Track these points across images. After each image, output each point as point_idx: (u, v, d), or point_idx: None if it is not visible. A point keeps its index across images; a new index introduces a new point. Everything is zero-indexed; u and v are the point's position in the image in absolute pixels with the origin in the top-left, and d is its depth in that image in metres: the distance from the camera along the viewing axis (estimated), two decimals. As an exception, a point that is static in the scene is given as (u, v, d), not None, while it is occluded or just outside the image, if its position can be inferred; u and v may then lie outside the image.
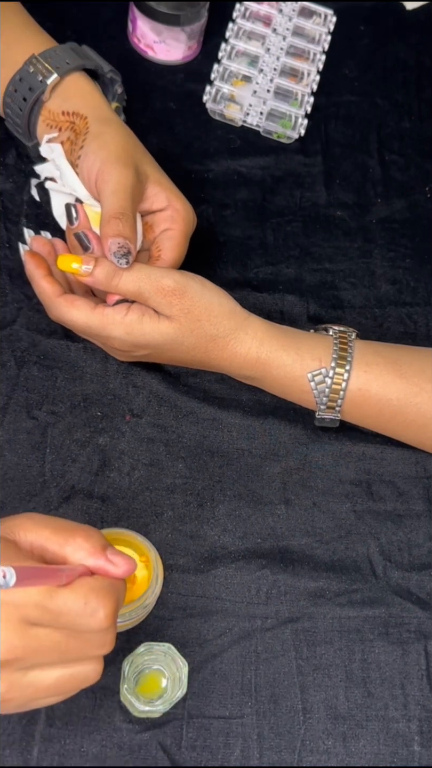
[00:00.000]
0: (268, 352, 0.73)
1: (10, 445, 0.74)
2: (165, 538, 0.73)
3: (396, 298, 0.87)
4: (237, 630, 0.70)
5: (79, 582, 0.53)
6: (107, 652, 0.55)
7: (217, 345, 0.72)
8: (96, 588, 0.53)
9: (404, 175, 0.95)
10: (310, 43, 1.00)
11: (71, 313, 0.71)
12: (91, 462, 0.74)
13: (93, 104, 0.76)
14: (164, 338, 0.71)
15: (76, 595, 0.52)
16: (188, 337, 0.71)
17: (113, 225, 0.69)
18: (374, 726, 0.68)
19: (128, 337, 0.71)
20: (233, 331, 0.72)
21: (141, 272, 0.70)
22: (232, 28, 0.98)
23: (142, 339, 0.71)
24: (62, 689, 0.54)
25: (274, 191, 0.92)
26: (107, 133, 0.74)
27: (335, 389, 0.73)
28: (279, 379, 0.74)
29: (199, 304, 0.71)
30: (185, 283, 0.70)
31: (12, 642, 0.50)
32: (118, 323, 0.70)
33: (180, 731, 0.66)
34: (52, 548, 0.55)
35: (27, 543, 0.54)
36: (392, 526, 0.76)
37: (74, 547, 0.55)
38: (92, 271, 0.69)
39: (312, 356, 0.73)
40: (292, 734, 0.67)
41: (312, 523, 0.75)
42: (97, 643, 0.54)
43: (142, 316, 0.70)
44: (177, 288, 0.70)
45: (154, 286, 0.70)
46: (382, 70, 1.02)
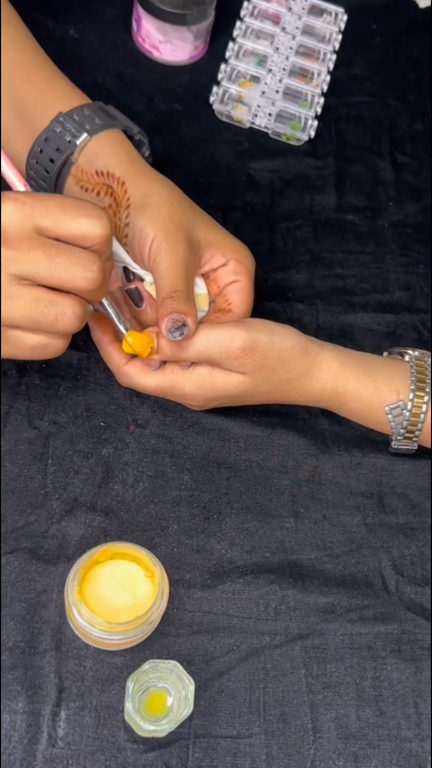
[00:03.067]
0: (344, 385, 0.74)
1: (10, 455, 0.73)
2: (170, 552, 0.72)
3: (409, 305, 0.87)
4: (245, 647, 0.69)
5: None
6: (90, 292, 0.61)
7: (292, 387, 0.73)
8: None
9: (417, 178, 0.95)
10: (321, 43, 0.99)
11: (141, 378, 0.71)
12: (95, 474, 0.74)
13: (128, 162, 0.74)
14: (238, 390, 0.72)
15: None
16: (262, 386, 0.72)
17: (167, 304, 0.68)
18: (386, 746, 0.67)
19: (201, 392, 0.72)
20: (308, 370, 0.73)
21: (208, 341, 0.69)
22: (240, 26, 0.98)
23: (214, 392, 0.72)
24: (41, 352, 0.62)
25: (283, 195, 0.92)
26: (152, 205, 0.71)
27: (413, 421, 0.73)
28: (356, 410, 0.75)
29: (270, 356, 0.71)
30: (254, 341, 0.70)
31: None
32: (188, 380, 0.71)
33: (186, 751, 0.65)
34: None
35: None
36: (405, 540, 0.75)
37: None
38: (158, 347, 0.70)
39: (389, 389, 0.73)
40: (302, 754, 0.66)
41: (322, 536, 0.74)
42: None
43: (211, 370, 0.71)
44: (246, 347, 0.70)
45: (222, 352, 0.70)
46: (395, 69, 1.02)
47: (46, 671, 0.66)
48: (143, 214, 0.71)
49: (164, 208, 0.71)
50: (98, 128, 0.74)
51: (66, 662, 0.66)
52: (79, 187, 0.74)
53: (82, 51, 0.81)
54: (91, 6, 0.98)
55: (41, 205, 0.59)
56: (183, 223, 0.72)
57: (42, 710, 0.64)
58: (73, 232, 0.60)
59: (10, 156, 0.74)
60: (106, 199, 0.73)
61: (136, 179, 0.73)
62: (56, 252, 0.59)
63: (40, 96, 0.75)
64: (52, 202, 0.60)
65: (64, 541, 0.70)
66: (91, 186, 0.73)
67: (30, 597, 0.68)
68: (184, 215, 0.72)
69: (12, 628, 0.67)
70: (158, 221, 0.70)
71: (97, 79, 0.93)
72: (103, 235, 0.61)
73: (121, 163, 0.73)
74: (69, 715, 0.65)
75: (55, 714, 0.64)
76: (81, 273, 0.60)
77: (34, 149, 0.74)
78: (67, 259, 0.60)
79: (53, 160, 0.73)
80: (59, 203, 0.60)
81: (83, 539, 0.70)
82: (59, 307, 0.60)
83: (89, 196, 0.73)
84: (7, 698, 0.64)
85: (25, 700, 0.65)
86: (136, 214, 0.71)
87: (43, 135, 0.73)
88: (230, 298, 0.75)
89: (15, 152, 0.75)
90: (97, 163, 0.73)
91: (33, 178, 0.75)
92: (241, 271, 0.74)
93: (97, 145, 0.73)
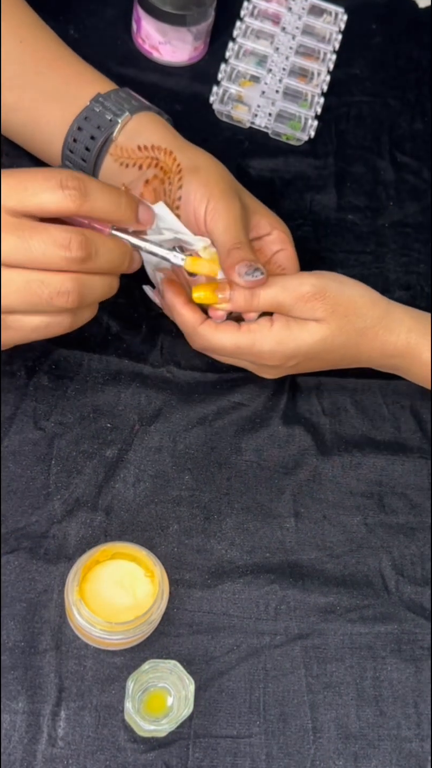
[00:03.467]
0: (417, 337, 0.73)
1: (14, 456, 0.73)
2: (171, 552, 0.72)
3: (410, 304, 0.85)
4: (245, 647, 0.69)
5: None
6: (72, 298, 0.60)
7: (366, 337, 0.72)
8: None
9: (417, 177, 0.95)
10: (321, 42, 0.99)
11: (217, 337, 0.71)
12: (97, 473, 0.73)
13: (170, 137, 0.75)
14: (315, 341, 0.71)
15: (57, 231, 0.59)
16: (338, 336, 0.71)
17: (234, 254, 0.68)
18: (387, 746, 0.67)
19: (279, 347, 0.71)
20: (381, 320, 0.73)
21: (277, 286, 0.70)
22: (240, 26, 0.97)
23: (293, 345, 0.71)
24: (45, 331, 0.62)
25: (283, 194, 0.92)
26: (203, 168, 0.72)
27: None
28: (427, 366, 0.74)
29: (341, 301, 0.71)
30: (323, 285, 0.70)
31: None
32: (267, 336, 0.71)
33: (186, 751, 0.65)
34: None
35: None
36: (405, 540, 0.75)
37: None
38: (230, 296, 0.69)
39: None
40: (302, 754, 0.66)
41: (322, 536, 0.74)
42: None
43: (288, 322, 0.71)
44: (316, 292, 0.70)
45: (293, 296, 0.69)
46: (395, 69, 1.02)
47: (46, 671, 0.66)
48: (196, 177, 0.72)
49: (215, 170, 0.73)
50: (137, 109, 0.75)
51: (66, 662, 0.66)
52: (118, 164, 0.74)
53: (82, 51, 0.80)
54: (91, 6, 0.97)
55: (5, 185, 0.59)
56: (233, 185, 0.73)
57: (42, 710, 0.64)
58: (42, 209, 0.59)
59: (46, 141, 0.77)
60: (150, 171, 0.73)
61: (181, 149, 0.74)
62: (30, 234, 0.59)
63: (71, 82, 0.76)
64: (12, 180, 0.59)
65: (65, 541, 0.70)
66: (132, 161, 0.74)
67: (30, 597, 0.68)
68: (232, 179, 0.74)
69: (12, 628, 0.67)
70: (212, 182, 0.71)
71: (97, 80, 0.93)
72: (72, 204, 0.60)
73: (164, 137, 0.74)
74: (69, 714, 0.65)
75: (55, 714, 0.64)
76: (58, 253, 0.59)
77: (73, 128, 0.74)
78: (41, 240, 0.59)
79: (94, 137, 0.74)
80: (20, 180, 0.59)
81: (83, 539, 0.70)
82: (52, 286, 0.60)
83: (130, 171, 0.74)
84: (7, 698, 0.64)
85: (25, 700, 0.65)
86: (189, 177, 0.72)
87: (83, 114, 0.74)
88: (282, 263, 0.76)
89: (53, 133, 0.76)
90: (138, 139, 0.74)
91: (70, 158, 0.76)
92: (286, 240, 0.76)
93: (136, 123, 0.75)
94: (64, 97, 0.76)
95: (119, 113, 0.74)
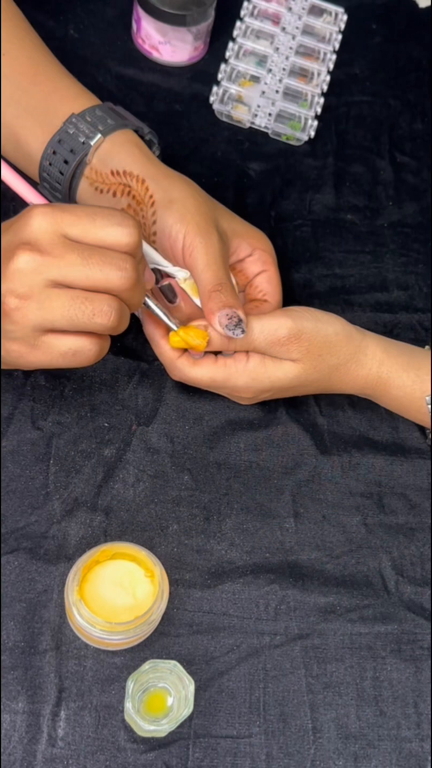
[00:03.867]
0: (388, 372, 0.74)
1: (13, 456, 0.73)
2: (170, 552, 0.72)
3: (407, 304, 0.86)
4: (245, 647, 0.69)
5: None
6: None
7: (339, 372, 0.73)
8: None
9: (416, 177, 0.94)
10: (321, 42, 0.99)
11: (194, 371, 0.72)
12: (96, 473, 0.73)
13: (143, 160, 0.74)
14: (289, 378, 0.72)
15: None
16: (312, 374, 0.72)
17: (215, 298, 0.69)
18: (386, 746, 0.67)
19: (254, 383, 0.72)
20: (353, 355, 0.73)
21: (254, 331, 0.70)
22: (240, 26, 0.97)
23: (267, 383, 0.72)
24: (72, 359, 0.63)
25: (283, 195, 0.92)
26: (177, 200, 0.72)
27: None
28: (398, 398, 0.76)
29: (316, 341, 0.71)
30: (298, 328, 0.71)
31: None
32: (242, 372, 0.71)
33: (186, 751, 0.65)
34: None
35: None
36: (404, 540, 0.75)
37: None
38: (208, 341, 0.70)
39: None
40: (302, 754, 0.66)
41: (322, 536, 0.74)
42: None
43: (263, 360, 0.71)
44: (292, 335, 0.70)
45: (269, 340, 0.70)
46: (395, 69, 1.02)
47: (46, 671, 0.66)
48: (170, 211, 0.71)
49: (189, 202, 0.72)
50: (111, 128, 0.73)
51: (66, 662, 0.66)
52: (93, 189, 0.74)
53: (82, 51, 0.80)
54: (91, 6, 0.97)
55: (69, 215, 0.61)
56: (210, 216, 0.72)
57: (42, 710, 0.64)
58: (102, 241, 0.61)
59: (26, 158, 0.75)
60: (124, 200, 0.73)
61: (155, 177, 0.73)
62: (89, 254, 0.61)
63: (50, 97, 0.75)
64: (80, 212, 0.61)
65: (65, 541, 0.70)
66: (107, 187, 0.73)
67: (30, 597, 0.68)
68: (208, 208, 0.73)
69: (12, 628, 0.67)
70: (187, 216, 0.71)
71: (97, 80, 0.92)
72: (132, 243, 0.62)
73: (137, 162, 0.73)
74: (69, 715, 0.65)
75: (55, 714, 0.65)
76: (115, 272, 0.61)
77: (47, 151, 0.73)
78: (101, 260, 0.61)
79: (67, 162, 0.73)
80: (88, 213, 0.61)
81: (83, 539, 0.70)
82: (96, 303, 0.61)
83: (105, 197, 0.73)
84: (7, 698, 0.64)
85: (25, 700, 0.65)
86: (163, 212, 0.71)
87: (56, 137, 0.73)
88: (263, 288, 0.76)
89: (31, 153, 0.75)
90: (111, 163, 0.73)
91: (46, 180, 0.75)
92: (267, 260, 0.76)
93: (111, 145, 0.73)
94: (43, 114, 0.74)
95: (92, 135, 0.72)
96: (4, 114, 0.75)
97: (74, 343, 0.62)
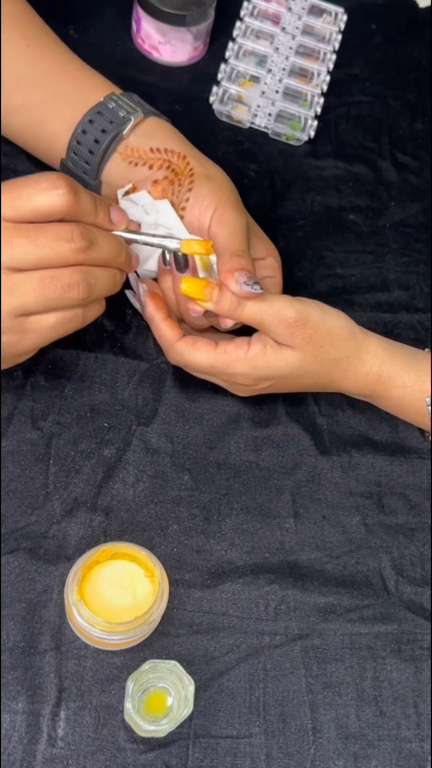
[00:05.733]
0: (389, 371, 0.75)
1: (13, 456, 0.73)
2: (170, 552, 0.72)
3: (408, 304, 0.87)
4: (245, 647, 0.69)
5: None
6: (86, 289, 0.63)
7: (340, 367, 0.73)
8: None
9: (418, 178, 0.95)
10: (320, 43, 0.99)
11: (193, 355, 0.72)
12: (96, 473, 0.74)
13: (183, 143, 0.77)
14: (289, 367, 0.72)
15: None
16: (312, 364, 0.72)
17: (236, 260, 0.69)
18: (386, 746, 0.67)
19: (253, 371, 0.72)
20: (355, 352, 0.73)
21: (264, 303, 0.70)
22: (240, 26, 0.98)
23: (267, 371, 0.72)
24: (62, 329, 0.64)
25: (284, 195, 0.92)
26: (216, 178, 0.74)
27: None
28: (397, 399, 0.76)
29: (320, 331, 0.71)
30: (306, 313, 0.71)
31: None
32: (242, 359, 0.71)
33: (186, 751, 0.65)
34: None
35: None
36: (404, 540, 0.75)
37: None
38: (217, 298, 0.69)
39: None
40: (302, 754, 0.66)
41: (321, 536, 0.74)
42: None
43: (264, 348, 0.71)
44: (299, 318, 0.70)
45: (276, 318, 0.70)
46: (394, 69, 1.02)
47: (46, 671, 0.66)
48: (208, 184, 0.73)
49: (226, 184, 0.75)
50: (149, 113, 0.77)
51: (66, 662, 0.66)
52: (127, 163, 0.75)
53: (82, 52, 0.81)
54: (91, 6, 0.97)
55: (3, 196, 0.61)
56: (241, 203, 0.75)
57: (42, 710, 0.65)
58: (37, 211, 0.62)
59: (48, 139, 0.78)
60: (160, 172, 0.75)
61: (195, 156, 0.76)
62: (35, 233, 0.61)
63: (81, 84, 0.78)
64: (6, 189, 0.62)
65: (64, 541, 0.70)
66: (143, 161, 0.75)
67: (30, 597, 0.68)
68: (239, 198, 0.75)
69: (12, 628, 0.67)
70: (222, 192, 0.73)
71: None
72: (67, 203, 0.62)
73: (177, 143, 0.76)
74: (69, 715, 0.65)
75: (55, 714, 0.65)
76: (66, 246, 0.62)
77: (84, 120, 0.75)
78: (48, 236, 0.62)
79: (105, 131, 0.75)
80: (14, 187, 0.62)
81: (83, 539, 0.70)
82: (63, 279, 0.62)
83: (139, 170, 0.75)
84: (7, 698, 0.65)
85: (25, 700, 0.65)
86: (201, 183, 0.73)
87: (96, 108, 0.75)
88: (268, 289, 0.76)
89: (57, 132, 0.77)
90: (151, 142, 0.75)
91: (76, 150, 0.76)
92: (277, 269, 0.77)
93: (148, 126, 0.76)
94: (74, 99, 0.76)
95: (133, 112, 0.75)
96: (29, 100, 0.77)
97: (57, 316, 0.64)
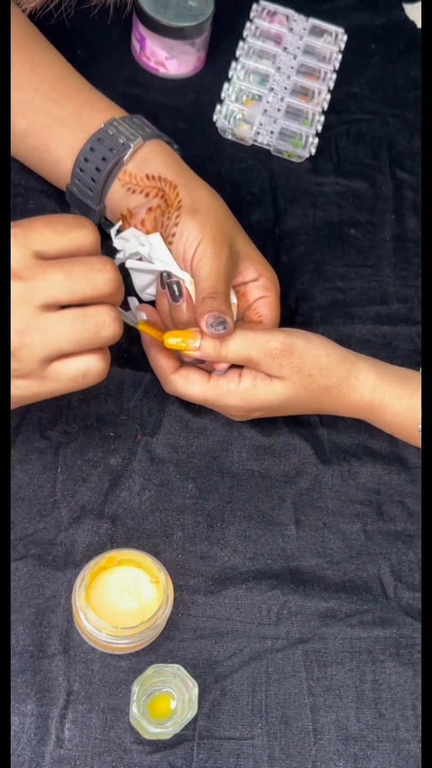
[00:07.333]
0: (381, 398, 0.74)
1: (21, 465, 0.74)
2: (175, 558, 0.72)
3: (407, 317, 0.87)
4: (247, 651, 0.70)
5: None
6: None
7: (330, 395, 0.74)
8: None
9: (416, 193, 0.95)
10: (321, 62, 1.00)
11: (186, 387, 0.73)
12: (102, 482, 0.74)
13: (178, 169, 0.77)
14: (279, 399, 0.73)
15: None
16: (302, 394, 0.73)
17: (207, 303, 0.70)
18: (385, 747, 0.68)
19: (245, 404, 0.73)
20: (345, 379, 0.73)
21: (246, 339, 0.71)
22: (243, 46, 0.98)
23: (258, 403, 0.73)
24: (80, 382, 0.62)
25: (287, 211, 0.92)
26: (202, 210, 0.74)
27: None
28: (391, 424, 0.77)
29: (308, 360, 0.72)
30: (291, 342, 0.71)
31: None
32: (233, 392, 0.73)
33: (191, 752, 0.66)
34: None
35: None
36: (403, 547, 0.75)
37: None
38: (199, 345, 0.70)
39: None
40: (303, 755, 0.67)
41: (322, 543, 0.75)
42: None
43: (254, 381, 0.72)
44: (284, 349, 0.71)
45: (262, 352, 0.71)
46: (393, 88, 1.02)
47: (54, 674, 0.66)
48: (193, 218, 0.73)
49: (212, 215, 0.74)
50: (149, 136, 0.77)
51: (74, 666, 0.67)
52: (125, 190, 0.76)
53: (89, 71, 0.82)
54: (98, 27, 0.98)
55: (31, 230, 0.59)
56: (227, 233, 0.74)
57: (50, 713, 0.65)
58: (67, 247, 0.60)
59: (53, 164, 0.79)
60: (155, 200, 0.75)
61: (186, 185, 0.76)
62: (70, 267, 0.59)
63: (82, 107, 0.78)
64: (38, 224, 0.60)
65: (72, 548, 0.71)
66: (140, 188, 0.76)
67: (38, 602, 0.69)
68: (228, 226, 0.75)
69: (21, 633, 0.67)
70: (206, 226, 0.73)
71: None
72: (95, 240, 0.61)
73: (171, 169, 0.76)
74: (76, 717, 0.65)
75: (63, 716, 0.65)
76: (101, 277, 0.60)
77: (86, 148, 0.76)
78: (82, 269, 0.59)
79: (106, 159, 0.76)
80: (46, 223, 0.60)
81: (90, 546, 0.71)
82: (96, 317, 0.60)
83: (136, 197, 0.76)
84: (17, 701, 0.65)
85: (34, 703, 0.65)
86: (187, 217, 0.74)
87: (97, 135, 0.76)
88: (261, 311, 0.77)
89: (60, 158, 0.78)
90: (147, 168, 0.76)
91: (79, 177, 0.77)
92: (270, 288, 0.77)
93: (147, 151, 0.77)
94: (76, 123, 0.77)
95: (132, 138, 0.76)
96: (33, 125, 0.78)
97: (81, 364, 0.61)
